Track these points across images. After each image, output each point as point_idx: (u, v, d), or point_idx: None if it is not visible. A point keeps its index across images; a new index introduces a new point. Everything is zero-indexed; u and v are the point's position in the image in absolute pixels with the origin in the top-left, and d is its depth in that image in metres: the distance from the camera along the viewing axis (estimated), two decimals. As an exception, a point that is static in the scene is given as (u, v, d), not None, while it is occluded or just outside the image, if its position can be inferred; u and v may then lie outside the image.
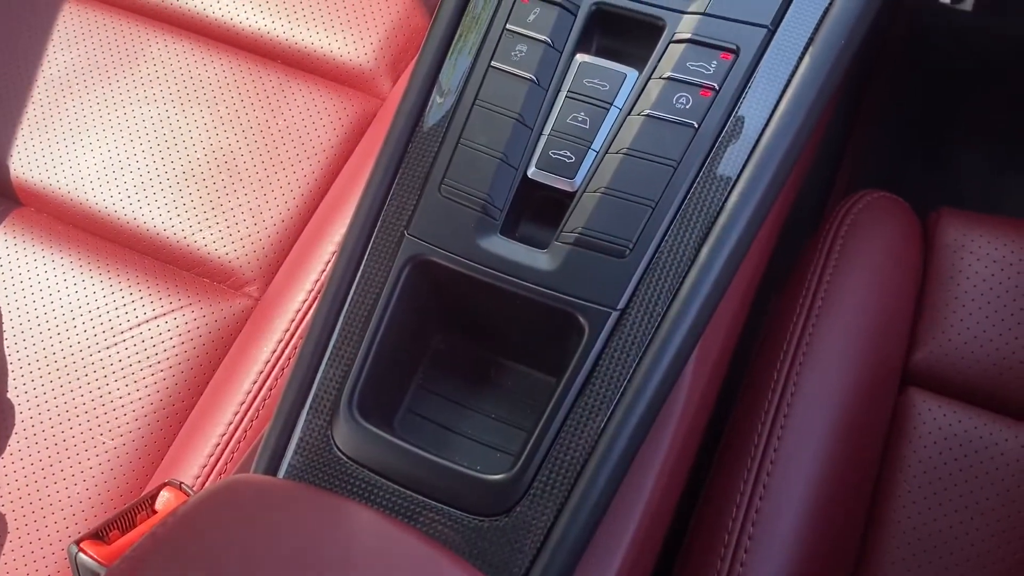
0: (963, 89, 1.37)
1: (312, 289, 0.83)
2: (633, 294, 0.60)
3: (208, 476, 0.77)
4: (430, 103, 0.66)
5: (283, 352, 0.81)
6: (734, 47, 0.61)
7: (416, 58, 0.68)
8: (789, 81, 0.61)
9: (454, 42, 0.67)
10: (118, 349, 0.84)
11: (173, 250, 0.90)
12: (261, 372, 0.80)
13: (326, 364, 0.62)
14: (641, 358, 0.59)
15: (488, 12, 0.66)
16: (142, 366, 0.84)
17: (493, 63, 0.65)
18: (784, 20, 0.62)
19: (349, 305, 0.63)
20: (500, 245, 0.62)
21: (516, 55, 0.64)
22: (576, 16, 0.64)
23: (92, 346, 0.85)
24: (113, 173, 0.93)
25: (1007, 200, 1.22)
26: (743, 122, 0.61)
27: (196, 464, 0.78)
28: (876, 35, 1.34)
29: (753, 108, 0.61)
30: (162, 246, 0.90)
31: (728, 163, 0.61)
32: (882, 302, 0.76)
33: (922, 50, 1.43)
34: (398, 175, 0.65)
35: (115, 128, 0.95)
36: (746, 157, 0.60)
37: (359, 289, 0.63)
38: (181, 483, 0.63)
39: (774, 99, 0.61)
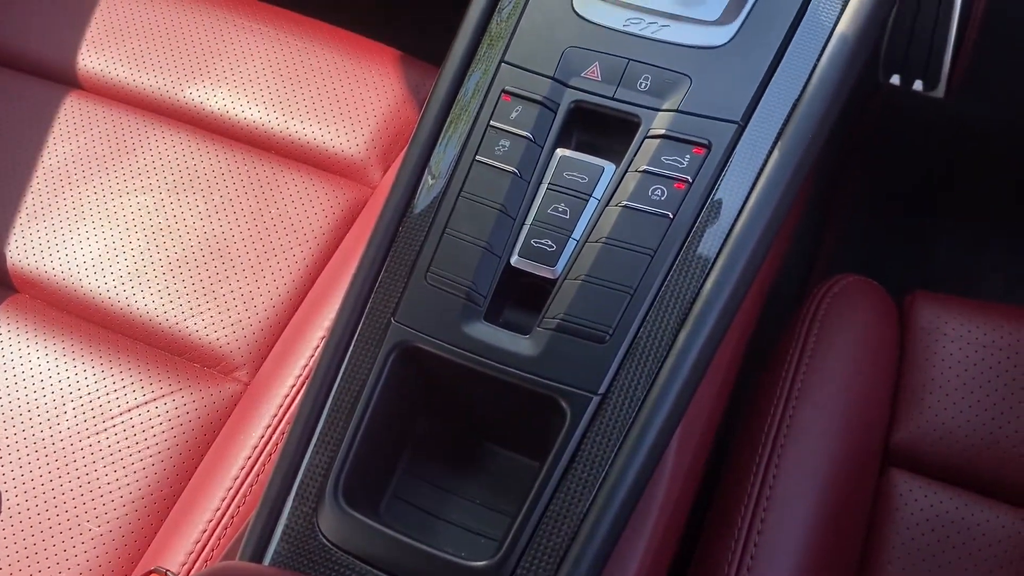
0: (938, 173, 1.41)
1: (301, 375, 0.84)
2: (614, 379, 0.61)
3: (194, 563, 0.77)
4: (420, 186, 0.68)
5: (271, 438, 0.82)
6: (706, 142, 0.64)
7: (407, 146, 0.71)
8: (760, 174, 0.64)
9: (444, 130, 0.70)
10: (107, 435, 0.85)
11: (164, 335, 0.91)
12: (249, 458, 0.81)
13: (312, 451, 0.63)
14: (622, 442, 0.60)
15: (473, 108, 0.69)
16: (130, 452, 0.84)
17: (478, 157, 0.68)
18: (753, 116, 0.65)
19: (336, 391, 0.64)
20: (484, 331, 0.63)
21: (499, 149, 0.67)
22: (556, 113, 0.68)
23: (81, 432, 0.85)
24: (108, 260, 0.95)
25: (984, 281, 1.25)
26: (716, 213, 0.64)
27: (183, 551, 0.78)
28: (850, 121, 1.39)
29: (726, 200, 0.64)
30: (154, 331, 0.91)
31: (703, 251, 0.63)
32: (861, 384, 0.77)
33: (896, 135, 1.48)
34: (386, 263, 0.68)
35: (111, 216, 0.98)
36: (720, 246, 0.63)
37: (346, 375, 0.65)
38: (167, 571, 0.63)
39: (745, 191, 0.64)
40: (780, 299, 0.97)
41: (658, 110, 0.66)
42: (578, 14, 0.69)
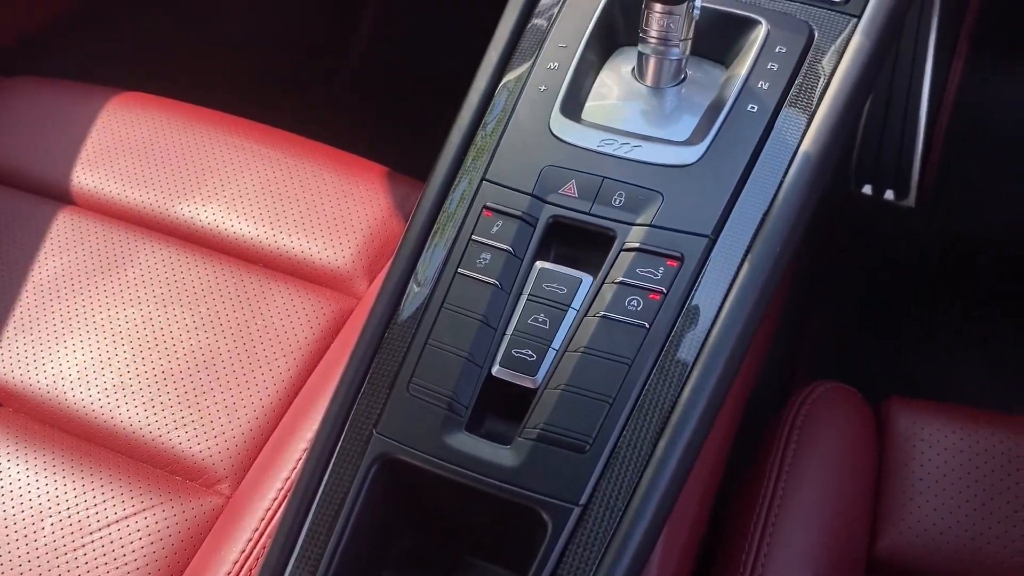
0: (913, 279, 1.45)
1: (283, 487, 0.84)
2: (594, 489, 0.62)
3: None
4: (406, 294, 0.70)
5: (251, 552, 0.81)
6: (679, 255, 0.67)
7: (395, 253, 0.73)
8: (732, 284, 0.66)
9: (430, 238, 0.72)
10: (85, 551, 0.84)
11: (148, 448, 0.91)
12: (229, 574, 0.80)
13: (293, 566, 0.63)
14: (604, 553, 0.60)
15: (459, 217, 0.72)
16: (108, 568, 0.83)
17: (460, 270, 0.70)
18: (724, 230, 0.68)
19: (317, 505, 0.64)
20: (465, 442, 0.64)
21: (481, 262, 0.70)
22: (535, 228, 0.70)
23: (59, 548, 0.84)
24: (93, 373, 0.96)
25: (961, 385, 1.27)
26: (691, 322, 0.65)
27: (157, 673, 0.76)
28: (825, 229, 1.43)
29: (700, 310, 0.66)
30: (137, 444, 0.91)
31: (679, 360, 0.64)
32: (842, 492, 0.78)
33: (871, 243, 1.52)
34: (368, 374, 0.69)
35: (98, 330, 0.99)
36: (695, 354, 0.64)
37: (327, 488, 0.65)
38: None
39: (719, 301, 0.66)
40: (761, 405, 0.98)
41: (632, 224, 0.68)
42: (555, 135, 0.72)
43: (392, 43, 1.85)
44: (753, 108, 0.71)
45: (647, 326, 0.65)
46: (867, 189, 1.57)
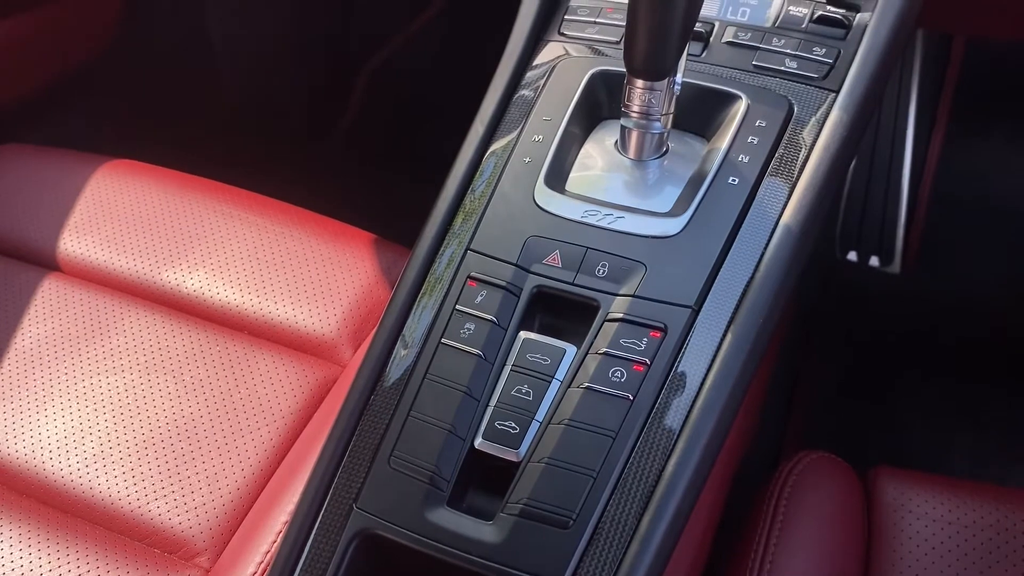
0: (900, 346, 1.45)
1: (262, 562, 0.82)
2: (577, 566, 0.61)
3: None
4: (392, 357, 0.70)
5: (228, 630, 0.79)
6: (662, 326, 0.67)
7: (382, 315, 0.73)
8: (716, 356, 0.66)
9: (418, 299, 0.72)
10: (57, 628, 0.81)
11: (126, 520, 0.89)
12: (203, 652, 0.78)
13: (268, 646, 0.61)
14: None
15: (443, 288, 0.72)
16: (80, 646, 0.80)
17: (443, 340, 0.70)
18: (706, 301, 0.68)
19: (295, 582, 0.63)
20: (447, 518, 0.63)
21: (465, 332, 0.69)
22: (519, 297, 0.70)
23: (31, 625, 0.82)
24: (72, 442, 0.94)
25: (950, 454, 1.26)
26: (675, 394, 0.65)
27: None
28: (811, 297, 1.44)
29: (684, 382, 0.65)
30: (115, 516, 0.90)
31: (663, 433, 0.64)
32: (830, 565, 0.76)
33: (858, 310, 1.52)
34: (350, 446, 0.68)
35: (79, 398, 0.98)
36: (679, 427, 0.64)
37: (306, 565, 0.63)
38: None
39: (703, 373, 0.66)
40: (750, 475, 0.97)
41: (616, 295, 0.69)
42: (539, 206, 0.73)
43: (382, 112, 1.88)
44: (734, 181, 0.72)
45: (631, 398, 0.65)
46: (852, 256, 1.58)
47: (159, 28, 1.63)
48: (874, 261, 1.57)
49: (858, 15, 0.78)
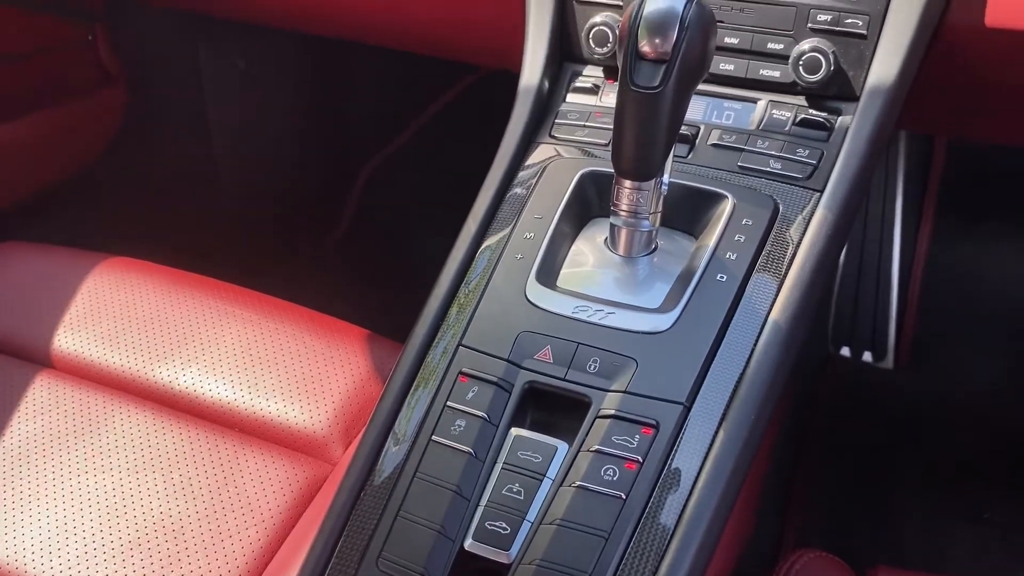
0: (896, 442, 1.44)
1: (245, 669, 0.79)
2: None
3: None
4: (384, 452, 0.69)
5: None
6: (654, 422, 0.66)
7: (374, 409, 0.72)
8: (708, 452, 0.66)
9: (411, 392, 0.72)
10: None
11: (107, 625, 0.86)
12: None
13: None
14: None
15: (436, 381, 0.72)
16: None
17: (434, 437, 0.69)
18: (698, 398, 0.68)
19: None
20: (436, 622, 0.61)
21: (455, 429, 0.69)
22: (511, 393, 0.70)
23: None
24: (57, 544, 0.92)
25: (949, 552, 1.24)
26: (668, 493, 0.64)
27: None
28: (805, 392, 1.44)
29: (677, 480, 0.65)
30: (96, 621, 0.87)
31: (656, 533, 0.63)
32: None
33: (853, 406, 1.52)
34: (338, 548, 0.67)
35: (66, 497, 0.96)
36: (673, 527, 0.63)
37: (291, 674, 0.61)
38: None
39: (695, 470, 0.65)
40: (748, 574, 0.95)
41: (607, 391, 0.69)
42: (531, 302, 0.74)
43: (376, 216, 1.92)
44: (723, 277, 0.73)
45: (623, 497, 0.64)
46: (845, 351, 1.59)
47: (160, 132, 1.68)
48: (867, 356, 1.57)
49: (839, 118, 0.80)
